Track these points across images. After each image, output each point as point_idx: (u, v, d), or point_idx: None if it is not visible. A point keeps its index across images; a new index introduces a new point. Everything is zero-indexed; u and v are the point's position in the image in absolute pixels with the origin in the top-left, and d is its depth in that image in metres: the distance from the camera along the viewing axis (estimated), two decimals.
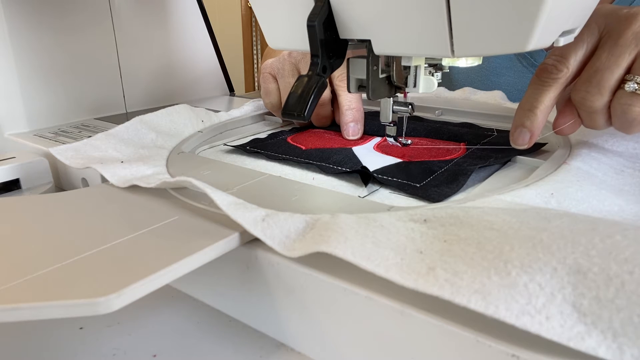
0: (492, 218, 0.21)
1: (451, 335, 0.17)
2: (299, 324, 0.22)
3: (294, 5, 0.28)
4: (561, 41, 0.26)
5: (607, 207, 0.25)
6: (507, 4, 0.22)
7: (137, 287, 0.18)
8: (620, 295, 0.15)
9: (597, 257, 0.17)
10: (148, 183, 0.28)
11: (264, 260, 0.22)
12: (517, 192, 0.27)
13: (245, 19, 2.19)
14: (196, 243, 0.21)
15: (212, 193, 0.23)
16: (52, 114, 0.51)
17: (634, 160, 0.32)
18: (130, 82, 0.59)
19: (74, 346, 0.23)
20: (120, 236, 0.22)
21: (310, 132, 0.45)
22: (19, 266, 0.20)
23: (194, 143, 0.42)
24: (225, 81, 0.73)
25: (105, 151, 0.36)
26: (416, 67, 0.31)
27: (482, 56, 0.29)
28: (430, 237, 0.20)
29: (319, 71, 0.27)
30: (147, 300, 0.19)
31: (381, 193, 0.30)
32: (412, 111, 0.34)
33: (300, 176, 0.34)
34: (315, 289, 0.21)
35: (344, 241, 0.20)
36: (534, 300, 0.16)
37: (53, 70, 0.51)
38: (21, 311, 0.17)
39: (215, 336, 0.24)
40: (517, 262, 0.17)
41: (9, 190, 0.36)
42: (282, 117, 0.48)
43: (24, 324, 0.24)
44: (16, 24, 0.47)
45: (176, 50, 0.64)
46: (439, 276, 0.17)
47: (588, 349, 0.14)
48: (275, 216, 0.23)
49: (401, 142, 0.39)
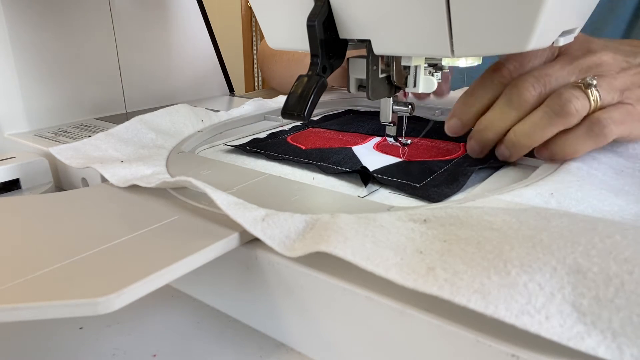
0: (492, 218, 0.21)
1: (451, 335, 0.17)
2: (298, 324, 0.22)
3: (293, 5, 0.28)
4: (561, 41, 0.26)
5: (607, 207, 0.25)
6: (507, 4, 0.22)
7: (137, 287, 0.18)
8: (620, 295, 0.15)
9: (597, 257, 0.17)
10: (148, 183, 0.28)
11: (264, 260, 0.22)
12: (517, 192, 0.27)
13: (245, 19, 2.19)
14: (196, 243, 0.21)
15: (212, 193, 0.23)
16: (52, 114, 0.51)
17: (633, 160, 0.32)
18: (130, 82, 0.59)
19: (74, 346, 0.23)
20: (120, 236, 0.22)
21: (310, 132, 0.45)
22: (19, 266, 0.20)
23: (194, 143, 0.42)
24: (225, 81, 0.73)
25: (105, 151, 0.36)
26: (416, 67, 0.31)
27: (482, 56, 0.30)
28: (430, 237, 0.20)
29: (319, 71, 0.27)
30: (147, 300, 0.19)
31: (381, 193, 0.30)
32: (412, 111, 0.34)
33: (300, 176, 0.34)
34: (315, 289, 0.21)
35: (343, 241, 0.20)
36: (534, 300, 0.16)
37: (53, 70, 0.51)
38: (21, 311, 0.17)
39: (215, 336, 0.24)
40: (517, 261, 0.17)
41: (8, 190, 0.36)
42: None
43: (24, 324, 0.24)
44: (16, 24, 0.47)
45: (176, 50, 0.64)
46: (439, 276, 0.17)
47: (588, 349, 0.14)
48: (275, 216, 0.23)
49: (401, 142, 0.39)
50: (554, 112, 0.29)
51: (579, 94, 0.28)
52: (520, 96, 0.30)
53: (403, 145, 0.39)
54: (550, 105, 0.29)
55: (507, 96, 0.31)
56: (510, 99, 0.31)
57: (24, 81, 0.48)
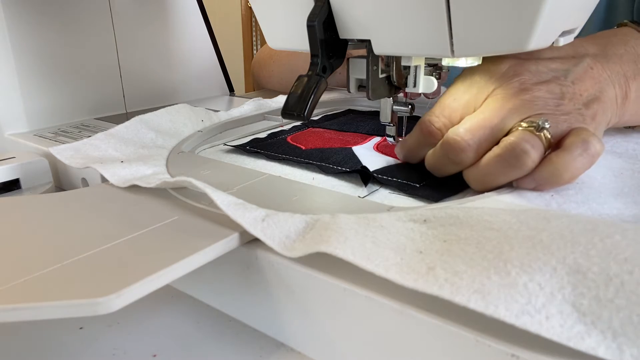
0: (492, 218, 0.21)
1: (451, 335, 0.17)
2: (299, 324, 0.22)
3: (293, 5, 0.28)
4: (561, 41, 0.26)
5: (606, 210, 0.25)
6: (507, 4, 0.22)
7: (137, 287, 0.18)
8: (620, 295, 0.15)
9: (597, 257, 0.17)
10: (148, 183, 0.28)
11: (264, 260, 0.22)
12: (517, 192, 0.27)
13: (245, 19, 2.19)
14: (196, 243, 0.21)
15: (212, 193, 0.23)
16: (52, 114, 0.51)
17: (632, 162, 0.32)
18: (130, 82, 0.59)
19: (74, 346, 0.23)
20: (120, 236, 0.22)
21: (310, 131, 0.45)
22: (19, 266, 0.20)
23: (194, 143, 0.42)
24: (225, 81, 0.73)
25: (105, 151, 0.36)
26: (416, 67, 0.31)
27: (482, 56, 0.30)
28: (430, 237, 0.20)
29: (318, 71, 0.27)
30: (147, 300, 0.19)
31: (381, 193, 0.30)
32: (412, 111, 0.34)
33: (300, 176, 0.34)
34: (315, 289, 0.21)
35: (343, 241, 0.20)
36: (534, 300, 0.16)
37: (53, 70, 0.51)
38: (21, 311, 0.17)
39: (215, 336, 0.24)
40: (517, 261, 0.17)
41: (9, 190, 0.36)
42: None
43: (24, 324, 0.24)
44: (16, 24, 0.47)
45: (176, 50, 0.64)
46: (439, 276, 0.17)
47: (588, 349, 0.14)
48: (275, 216, 0.23)
49: None
50: (509, 164, 0.26)
51: (534, 142, 0.26)
52: (458, 157, 0.28)
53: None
54: (504, 157, 0.26)
55: (444, 153, 0.29)
56: (449, 157, 0.29)
57: (24, 81, 0.48)
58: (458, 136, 0.28)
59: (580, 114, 0.29)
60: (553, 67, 0.30)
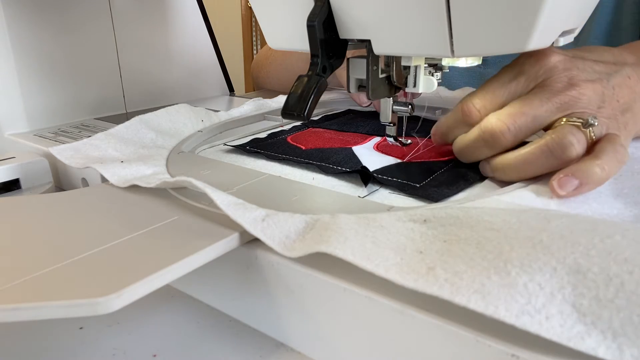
0: (492, 218, 0.21)
1: (451, 335, 0.17)
2: (298, 324, 0.22)
3: (294, 5, 0.28)
4: (561, 41, 0.27)
5: (606, 210, 0.25)
6: (507, 4, 0.22)
7: (137, 287, 0.18)
8: (620, 295, 0.15)
9: (597, 257, 0.17)
10: (148, 183, 0.28)
11: (264, 260, 0.22)
12: (517, 192, 0.27)
13: (245, 19, 2.19)
14: (196, 243, 0.21)
15: (212, 193, 0.23)
16: (52, 114, 0.51)
17: (632, 162, 0.32)
18: (130, 82, 0.59)
19: (74, 346, 0.23)
20: (120, 236, 0.22)
21: (310, 132, 0.45)
22: (19, 266, 0.20)
23: (194, 143, 0.42)
24: (225, 81, 0.73)
25: (105, 151, 0.36)
26: (416, 67, 0.31)
27: (482, 56, 0.30)
28: (430, 237, 0.20)
29: (318, 71, 0.27)
30: (147, 300, 0.19)
31: (381, 193, 0.30)
32: (412, 111, 0.34)
33: (300, 176, 0.34)
34: (315, 289, 0.21)
35: (343, 241, 0.20)
36: (534, 300, 0.16)
37: (53, 70, 0.51)
38: (21, 311, 0.17)
39: (215, 336, 0.24)
40: (517, 262, 0.17)
41: (9, 190, 0.36)
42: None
43: (24, 324, 0.24)
44: (16, 23, 0.47)
45: (176, 50, 0.64)
46: (439, 276, 0.17)
47: (588, 349, 0.14)
48: (275, 216, 0.23)
49: (401, 142, 0.39)
50: (554, 155, 0.27)
51: (579, 137, 0.27)
52: (495, 140, 0.29)
53: (403, 145, 0.39)
54: (550, 147, 0.27)
55: (481, 135, 0.29)
56: (485, 139, 0.29)
57: (24, 81, 0.48)
58: (500, 120, 0.28)
59: (617, 120, 0.29)
60: (597, 69, 0.30)
